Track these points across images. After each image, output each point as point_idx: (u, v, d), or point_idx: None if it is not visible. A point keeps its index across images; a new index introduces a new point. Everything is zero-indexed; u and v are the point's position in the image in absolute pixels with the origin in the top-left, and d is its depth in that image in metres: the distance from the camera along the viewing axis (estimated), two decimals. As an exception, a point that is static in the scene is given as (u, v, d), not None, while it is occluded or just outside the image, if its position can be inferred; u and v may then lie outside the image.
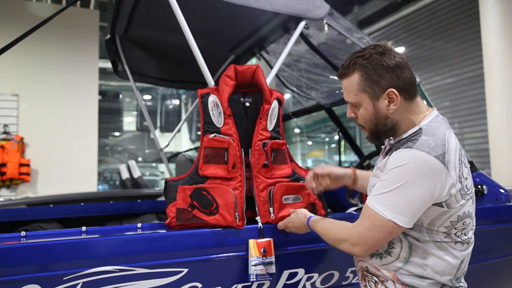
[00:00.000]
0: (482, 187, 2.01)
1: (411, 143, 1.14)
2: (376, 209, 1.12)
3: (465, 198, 1.17)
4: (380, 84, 1.19)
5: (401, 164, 1.11)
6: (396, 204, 1.10)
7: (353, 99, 1.24)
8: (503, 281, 2.10)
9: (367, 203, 1.17)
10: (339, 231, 1.23)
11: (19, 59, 5.19)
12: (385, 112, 1.21)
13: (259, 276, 1.42)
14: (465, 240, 1.20)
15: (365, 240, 1.15)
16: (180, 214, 1.46)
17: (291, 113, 3.29)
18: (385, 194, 1.12)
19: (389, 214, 1.11)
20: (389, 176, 1.13)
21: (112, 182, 12.63)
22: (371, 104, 1.22)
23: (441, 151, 1.11)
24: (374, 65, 1.19)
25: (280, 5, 1.73)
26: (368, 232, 1.14)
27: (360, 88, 1.21)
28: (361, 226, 1.16)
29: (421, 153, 1.10)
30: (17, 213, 2.54)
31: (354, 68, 1.22)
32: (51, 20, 1.59)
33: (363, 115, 1.25)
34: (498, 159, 5.83)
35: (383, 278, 1.22)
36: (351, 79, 1.23)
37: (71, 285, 1.22)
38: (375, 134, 1.27)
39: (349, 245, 1.19)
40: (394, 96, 1.19)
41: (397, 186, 1.10)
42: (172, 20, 1.65)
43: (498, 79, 5.84)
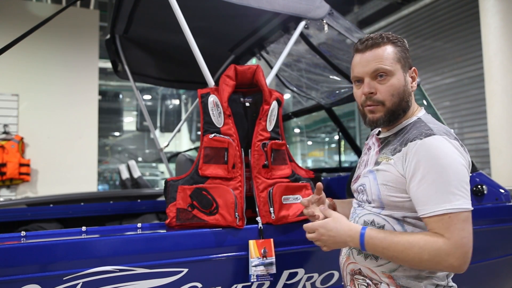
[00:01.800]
0: (482, 187, 2.01)
1: (429, 131, 1.12)
2: (452, 209, 1.04)
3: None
4: (408, 61, 1.23)
5: (437, 153, 1.07)
6: (461, 191, 1.05)
7: (389, 65, 1.18)
8: (503, 281, 2.10)
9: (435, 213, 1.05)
10: (435, 246, 1.04)
11: (19, 59, 5.20)
12: (409, 88, 1.22)
13: (259, 276, 1.42)
14: None
15: (468, 244, 1.05)
16: (180, 214, 1.46)
17: (291, 113, 3.29)
18: (446, 190, 1.05)
19: (465, 205, 1.05)
20: (433, 171, 1.06)
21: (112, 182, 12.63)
22: (403, 75, 1.21)
23: (453, 137, 1.13)
24: (402, 44, 1.24)
25: (280, 5, 1.73)
26: (465, 233, 1.05)
27: (396, 57, 1.20)
28: (455, 232, 1.04)
29: (445, 137, 1.10)
30: (17, 213, 2.54)
31: (387, 41, 1.22)
32: (51, 20, 1.59)
33: (394, 86, 1.18)
34: (498, 159, 5.83)
35: (377, 280, 1.18)
36: (386, 48, 1.21)
37: (71, 285, 1.22)
38: (395, 112, 1.20)
39: (454, 260, 1.04)
40: (415, 75, 1.24)
41: (448, 175, 1.05)
42: (172, 20, 1.65)
43: (498, 79, 5.84)
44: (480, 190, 2.01)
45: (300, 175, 1.66)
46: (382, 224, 1.18)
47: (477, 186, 2.02)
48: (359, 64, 1.23)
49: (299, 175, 1.65)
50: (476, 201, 2.01)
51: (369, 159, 1.29)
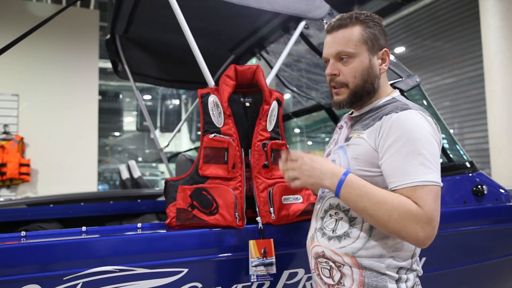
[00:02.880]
0: (482, 187, 2.01)
1: (404, 106, 1.12)
2: (425, 182, 1.03)
3: None
4: (379, 42, 1.20)
5: (412, 126, 1.07)
6: (433, 166, 1.05)
7: (352, 48, 1.18)
8: (503, 281, 2.10)
9: (408, 184, 1.04)
10: (407, 208, 1.02)
11: (19, 59, 5.20)
12: (376, 71, 1.21)
13: (259, 277, 1.42)
14: None
15: (437, 217, 1.03)
16: (180, 214, 1.46)
17: (291, 113, 3.28)
18: (418, 163, 1.04)
19: (436, 179, 1.04)
20: (407, 144, 1.06)
21: (112, 182, 12.64)
22: (368, 57, 1.19)
23: (428, 114, 1.14)
24: (375, 23, 1.21)
25: (280, 5, 1.73)
26: (435, 206, 1.03)
27: (362, 38, 1.18)
28: (427, 203, 1.02)
29: (420, 112, 1.11)
30: (17, 213, 2.54)
31: (356, 21, 1.20)
32: (51, 20, 1.59)
33: (356, 68, 1.19)
34: (498, 159, 5.83)
35: (339, 263, 1.15)
36: (352, 29, 1.19)
37: (71, 285, 1.22)
38: (358, 93, 1.20)
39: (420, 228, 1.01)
40: (387, 57, 1.21)
41: (421, 149, 1.05)
42: (172, 20, 1.65)
43: (498, 79, 5.84)
44: (480, 190, 2.01)
45: (300, 175, 1.66)
46: (347, 208, 1.17)
47: (477, 186, 2.02)
48: (325, 45, 1.25)
49: (299, 175, 1.65)
50: (476, 201, 2.01)
51: (340, 136, 1.29)
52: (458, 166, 2.06)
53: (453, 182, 2.01)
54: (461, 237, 1.88)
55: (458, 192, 2.01)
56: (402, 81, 1.99)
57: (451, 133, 2.25)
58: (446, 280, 1.86)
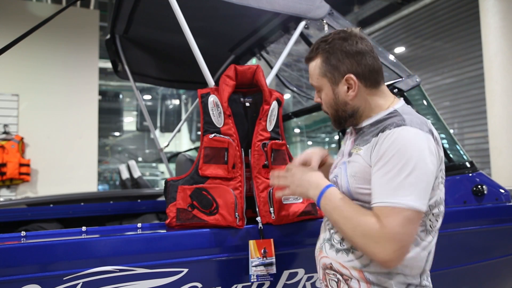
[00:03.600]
0: (482, 187, 2.01)
1: (401, 121, 1.08)
2: (397, 204, 1.01)
3: (442, 182, 1.15)
4: (339, 69, 1.19)
5: (402, 145, 1.04)
6: (414, 190, 1.01)
7: (315, 82, 1.25)
8: (503, 281, 2.10)
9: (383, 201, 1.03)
10: (369, 228, 1.03)
11: (19, 59, 5.20)
12: (344, 98, 1.20)
13: (259, 276, 1.42)
14: (434, 228, 1.15)
15: (401, 241, 1.00)
16: (180, 214, 1.46)
17: (291, 113, 3.28)
18: (398, 184, 1.02)
19: (413, 202, 1.00)
20: (392, 161, 1.03)
21: (112, 182, 12.64)
22: (330, 89, 1.22)
23: (427, 129, 1.09)
24: (335, 50, 1.19)
25: (280, 5, 1.73)
26: (402, 229, 1.00)
27: (321, 72, 1.22)
28: (391, 224, 1.00)
29: (416, 129, 1.06)
30: (17, 213, 2.54)
31: (317, 52, 1.23)
32: (51, 20, 1.59)
33: (324, 100, 1.25)
34: (498, 159, 5.83)
35: (347, 276, 1.14)
36: (315, 62, 1.23)
37: (71, 285, 1.22)
38: (336, 120, 1.26)
39: (382, 251, 1.01)
40: (353, 82, 1.17)
41: (406, 170, 1.01)
42: (172, 20, 1.65)
43: (498, 79, 5.84)
44: (480, 190, 2.01)
45: (300, 175, 1.66)
46: None
47: (477, 186, 2.02)
48: None
49: (299, 175, 1.65)
50: (476, 201, 2.01)
51: (345, 149, 1.29)
52: (458, 166, 2.06)
53: (453, 182, 2.01)
54: (461, 237, 1.88)
55: (458, 192, 2.01)
56: (402, 81, 1.99)
57: (451, 133, 2.25)
58: (446, 280, 1.86)
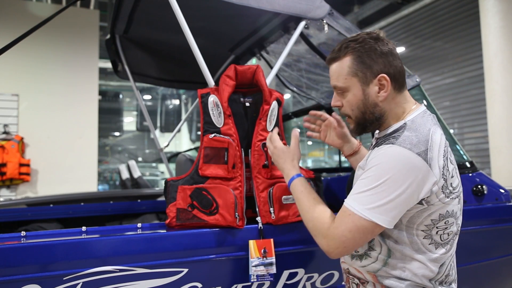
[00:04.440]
0: (482, 187, 2.01)
1: (394, 139, 1.10)
2: (355, 210, 1.06)
3: (449, 197, 1.11)
4: (372, 69, 1.16)
5: (382, 162, 1.07)
6: (377, 204, 1.05)
7: (342, 83, 1.19)
8: (503, 281, 2.10)
9: (346, 203, 1.10)
10: (320, 224, 1.14)
11: (19, 59, 5.20)
12: (374, 99, 1.17)
13: (259, 276, 1.42)
14: (445, 240, 1.15)
15: (345, 243, 1.08)
16: (180, 214, 1.46)
17: (291, 113, 3.29)
18: (366, 193, 1.06)
19: (369, 215, 1.05)
20: (370, 174, 1.08)
21: (112, 182, 12.63)
22: (360, 89, 1.18)
23: (424, 148, 1.07)
24: (367, 49, 1.16)
25: (280, 5, 1.73)
26: (349, 234, 1.07)
27: (351, 71, 1.17)
28: (341, 227, 1.08)
29: (403, 149, 1.06)
30: (17, 213, 2.54)
31: (346, 51, 1.18)
32: (51, 20, 1.59)
33: (350, 102, 1.20)
34: (498, 159, 5.83)
35: (363, 280, 1.21)
36: (342, 62, 1.19)
37: (71, 285, 1.22)
38: (361, 123, 1.22)
39: (325, 245, 1.12)
40: (385, 82, 1.16)
41: (378, 184, 1.05)
42: (172, 20, 1.64)
43: (498, 79, 5.84)
44: (480, 190, 2.01)
45: (300, 175, 1.66)
46: None
47: (477, 186, 2.02)
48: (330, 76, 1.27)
49: (299, 175, 1.65)
50: (476, 201, 2.01)
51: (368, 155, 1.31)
52: (458, 166, 2.06)
53: (453, 182, 2.01)
54: (461, 237, 1.88)
55: (458, 192, 2.01)
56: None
57: (451, 133, 2.25)
58: (446, 280, 1.86)
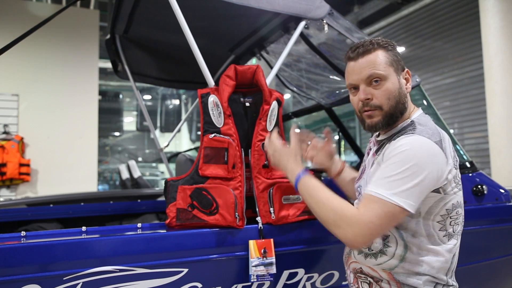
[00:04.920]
0: (482, 187, 2.01)
1: (411, 130, 1.17)
2: (382, 196, 1.08)
3: (458, 187, 1.21)
4: (401, 63, 1.27)
5: (406, 149, 1.11)
6: (403, 189, 1.08)
7: (382, 70, 1.22)
8: (503, 281, 2.10)
9: (371, 191, 1.12)
10: (343, 212, 1.12)
11: (19, 59, 5.20)
12: (404, 90, 1.26)
13: (259, 276, 1.42)
14: (456, 232, 1.23)
15: (371, 230, 1.08)
16: (180, 214, 1.46)
17: (291, 113, 3.29)
18: (391, 178, 1.10)
19: (397, 199, 1.07)
20: (394, 160, 1.11)
21: (112, 182, 12.64)
22: (397, 78, 1.24)
23: (438, 138, 1.16)
24: (393, 48, 1.27)
25: (280, 5, 1.73)
26: (377, 220, 1.07)
27: (388, 61, 1.24)
28: (369, 213, 1.08)
29: (423, 138, 1.13)
30: (17, 213, 2.54)
31: (376, 47, 1.25)
32: (51, 20, 1.59)
33: (389, 90, 1.22)
34: (498, 159, 5.83)
35: (378, 278, 1.22)
36: (377, 54, 1.24)
37: (71, 285, 1.22)
38: (393, 115, 1.24)
39: (350, 233, 1.08)
40: (409, 77, 1.28)
41: (403, 169, 1.09)
42: (172, 20, 1.64)
43: (498, 79, 5.84)
44: (480, 190, 2.01)
45: (300, 175, 1.66)
46: None
47: (477, 186, 2.02)
48: (352, 71, 1.27)
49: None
50: (476, 201, 2.01)
51: (368, 161, 1.34)
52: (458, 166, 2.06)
53: (453, 182, 2.01)
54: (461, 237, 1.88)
55: (458, 192, 2.01)
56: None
57: (451, 133, 2.25)
58: (446, 280, 1.86)
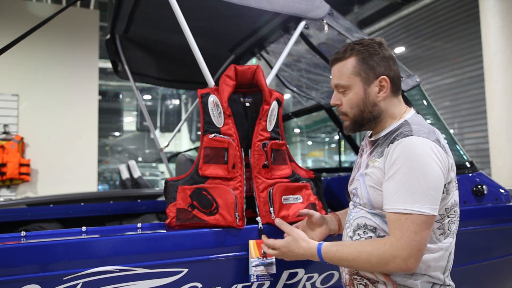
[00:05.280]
0: (482, 187, 2.01)
1: (408, 132, 1.15)
2: (406, 210, 1.07)
3: (455, 186, 1.21)
4: (374, 70, 1.24)
5: (409, 154, 1.11)
6: (421, 195, 1.08)
7: (345, 81, 1.26)
8: (503, 281, 2.10)
9: (396, 209, 1.10)
10: (382, 250, 1.09)
11: (19, 59, 5.20)
12: (374, 99, 1.25)
13: (259, 276, 1.42)
14: (452, 230, 1.22)
15: (417, 247, 1.07)
16: (180, 214, 1.46)
17: (291, 113, 3.29)
18: (406, 189, 1.08)
19: (421, 208, 1.07)
20: (402, 170, 1.10)
21: (112, 182, 12.64)
22: (362, 88, 1.25)
23: (436, 137, 1.16)
24: (371, 52, 1.24)
25: (280, 5, 1.73)
26: (416, 236, 1.07)
27: (354, 71, 1.24)
28: (405, 234, 1.07)
29: (423, 138, 1.13)
30: (17, 213, 2.54)
31: (351, 53, 1.25)
32: (51, 20, 1.59)
33: (351, 100, 1.26)
34: (498, 159, 5.83)
35: (374, 279, 1.21)
36: (347, 62, 1.26)
37: (71, 285, 1.22)
38: (358, 122, 1.28)
39: (401, 261, 1.07)
40: (385, 84, 1.24)
41: (412, 177, 1.08)
42: (172, 20, 1.65)
43: (498, 79, 5.84)
44: (480, 190, 2.01)
45: (300, 175, 1.66)
46: (374, 226, 1.22)
47: (477, 186, 2.02)
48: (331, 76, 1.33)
49: (299, 175, 1.66)
50: (476, 201, 2.01)
51: (362, 162, 1.33)
52: (458, 166, 2.06)
53: (453, 182, 2.01)
54: (461, 237, 1.88)
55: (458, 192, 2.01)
56: (402, 81, 1.99)
57: (451, 133, 2.25)
58: (446, 280, 1.86)
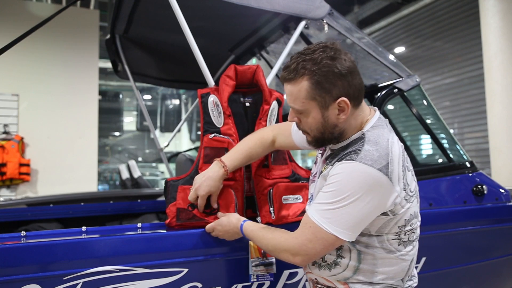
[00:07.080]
0: (482, 187, 2.01)
1: (354, 154, 1.09)
2: (317, 222, 1.10)
3: (410, 202, 1.14)
4: (331, 93, 1.11)
5: (344, 178, 1.08)
6: (338, 218, 1.08)
7: (300, 106, 1.15)
8: (503, 281, 2.10)
9: (308, 213, 1.14)
10: (278, 241, 1.19)
11: (19, 59, 5.20)
12: (334, 121, 1.14)
13: (259, 276, 1.42)
14: (413, 239, 1.20)
15: (306, 251, 1.12)
16: (180, 214, 1.46)
17: (291, 113, 3.28)
18: (327, 207, 1.09)
19: (330, 228, 1.08)
20: (332, 188, 1.09)
21: (112, 182, 12.64)
22: (319, 113, 1.14)
23: (385, 162, 1.07)
24: (326, 72, 1.09)
25: (280, 5, 1.73)
26: (309, 244, 1.11)
27: (309, 95, 1.12)
28: (302, 237, 1.13)
29: (364, 166, 1.06)
30: (17, 213, 2.54)
31: (302, 73, 1.12)
32: (51, 20, 1.59)
33: (309, 124, 1.17)
34: (498, 159, 5.83)
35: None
36: (299, 85, 1.13)
37: (71, 285, 1.22)
38: (320, 141, 1.20)
39: (289, 255, 1.16)
40: (345, 106, 1.12)
41: (339, 199, 1.07)
42: (172, 20, 1.65)
43: (498, 79, 5.84)
44: (480, 190, 2.01)
45: (300, 175, 1.66)
46: None
47: (477, 186, 2.02)
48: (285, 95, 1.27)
49: (299, 175, 1.65)
50: (476, 201, 2.01)
51: (317, 169, 1.30)
52: (458, 166, 2.06)
53: (453, 182, 2.01)
54: (461, 237, 1.88)
55: (458, 192, 2.01)
56: (402, 81, 1.99)
57: (451, 133, 2.25)
58: (446, 280, 1.86)
